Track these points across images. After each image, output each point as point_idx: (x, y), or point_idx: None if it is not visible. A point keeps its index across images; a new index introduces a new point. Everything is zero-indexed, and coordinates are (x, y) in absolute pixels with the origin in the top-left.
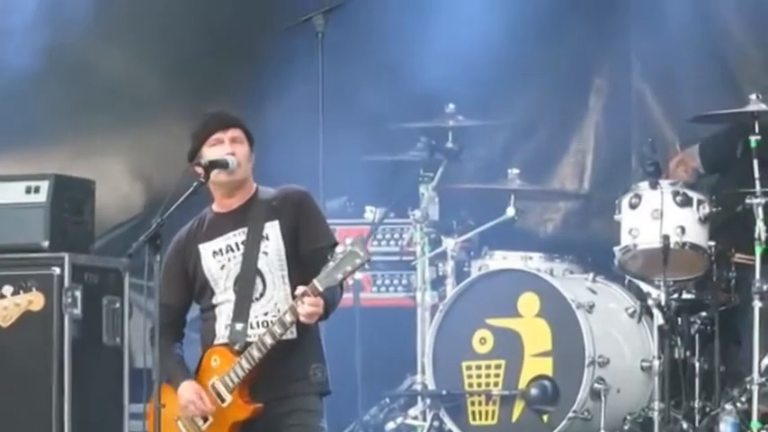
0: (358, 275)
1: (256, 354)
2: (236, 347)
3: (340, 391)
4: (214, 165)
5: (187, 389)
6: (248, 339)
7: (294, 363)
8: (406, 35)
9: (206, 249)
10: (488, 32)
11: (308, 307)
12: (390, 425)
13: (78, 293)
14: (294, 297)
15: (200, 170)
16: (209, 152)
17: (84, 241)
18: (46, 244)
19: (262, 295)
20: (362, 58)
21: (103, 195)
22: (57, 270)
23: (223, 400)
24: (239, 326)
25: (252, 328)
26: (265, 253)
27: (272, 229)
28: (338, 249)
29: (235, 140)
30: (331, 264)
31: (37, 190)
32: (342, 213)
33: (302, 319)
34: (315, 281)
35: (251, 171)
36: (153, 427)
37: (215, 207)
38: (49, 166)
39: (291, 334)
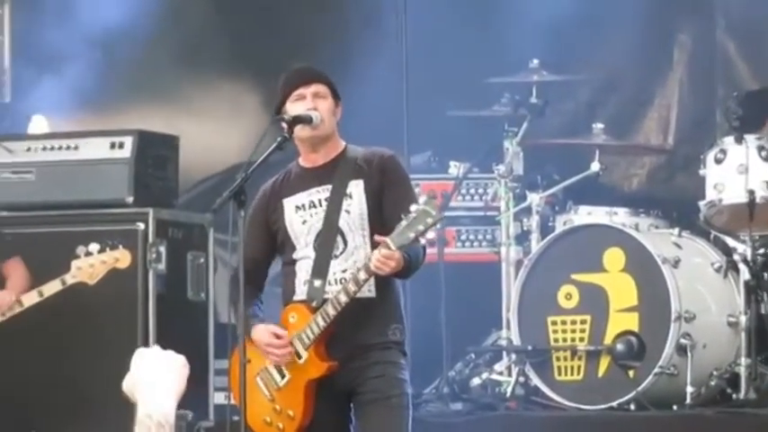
0: (431, 234)
1: (331, 311)
2: (314, 304)
3: (425, 347)
4: (297, 120)
5: (260, 332)
6: (326, 296)
7: (373, 322)
8: None
9: (289, 203)
10: None
11: (381, 258)
12: (475, 380)
13: (162, 249)
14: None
15: (283, 125)
16: (293, 107)
17: (168, 197)
18: (130, 199)
19: (342, 253)
20: (446, 13)
21: (188, 151)
22: (141, 225)
23: (299, 357)
24: (317, 282)
25: (330, 284)
26: (347, 211)
27: (356, 188)
28: (411, 208)
29: (317, 95)
30: (403, 222)
31: (121, 146)
32: (426, 168)
33: (373, 268)
34: (387, 239)
35: (336, 126)
36: (235, 382)
37: (301, 161)
38: (133, 122)
39: (370, 293)
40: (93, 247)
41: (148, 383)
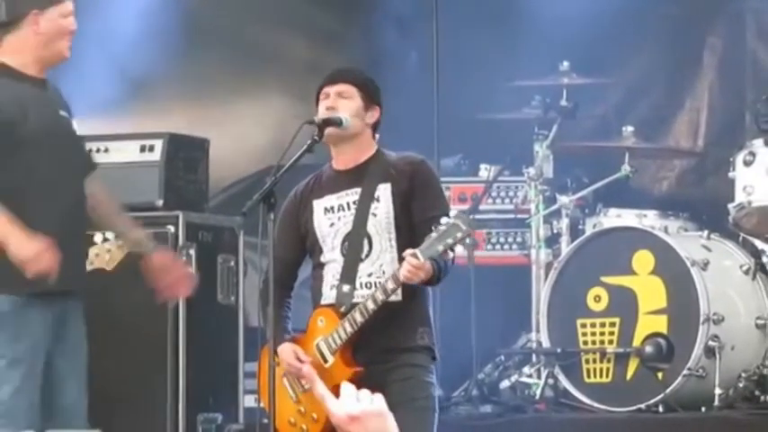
0: (460, 248)
1: (359, 318)
2: (342, 309)
3: (454, 349)
4: (327, 122)
5: (286, 351)
6: (354, 301)
7: (400, 326)
8: None
9: (318, 205)
10: None
11: (410, 268)
12: (505, 383)
13: (192, 252)
14: (400, 264)
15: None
16: (320, 107)
17: (198, 200)
18: (160, 203)
19: (367, 256)
20: (476, 15)
21: (218, 154)
22: (171, 228)
23: (326, 361)
24: (346, 287)
25: (357, 289)
26: (374, 215)
27: (384, 192)
28: (442, 221)
29: (340, 95)
30: (433, 235)
31: (151, 149)
32: (456, 171)
33: (402, 278)
34: (417, 251)
35: (365, 128)
36: (263, 384)
37: (333, 163)
38: (164, 126)
39: (397, 297)
40: (110, 234)
41: None
